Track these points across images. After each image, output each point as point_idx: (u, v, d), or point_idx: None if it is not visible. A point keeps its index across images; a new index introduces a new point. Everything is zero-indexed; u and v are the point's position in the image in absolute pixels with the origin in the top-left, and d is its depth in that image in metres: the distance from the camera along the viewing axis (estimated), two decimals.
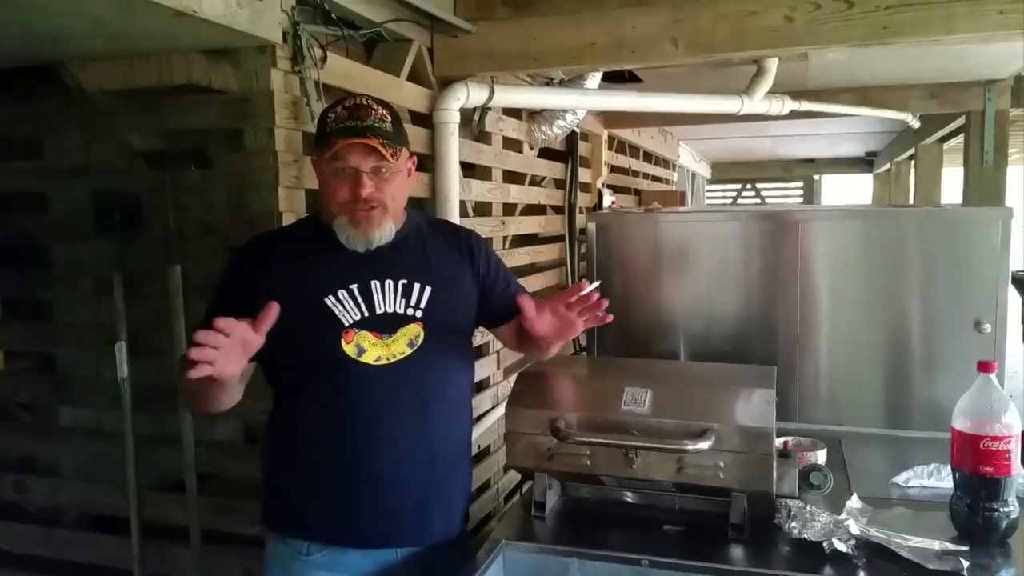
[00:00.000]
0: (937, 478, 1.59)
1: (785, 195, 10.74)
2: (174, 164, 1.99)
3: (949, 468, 1.39)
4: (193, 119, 1.88)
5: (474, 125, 2.69)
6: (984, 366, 1.34)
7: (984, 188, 4.19)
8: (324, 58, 1.87)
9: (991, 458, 1.30)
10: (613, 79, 3.30)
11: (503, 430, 1.58)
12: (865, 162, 9.18)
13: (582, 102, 3.11)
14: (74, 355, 2.18)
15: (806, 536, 1.31)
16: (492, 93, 2.52)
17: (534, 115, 3.24)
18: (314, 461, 1.43)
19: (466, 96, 2.42)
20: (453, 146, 2.41)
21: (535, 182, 3.48)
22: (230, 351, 1.16)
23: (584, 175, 4.11)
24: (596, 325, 1.37)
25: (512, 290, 1.57)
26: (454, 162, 2.42)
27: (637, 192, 5.43)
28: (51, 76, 1.95)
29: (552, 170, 3.64)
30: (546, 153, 3.52)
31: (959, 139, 4.77)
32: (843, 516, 1.34)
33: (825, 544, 1.28)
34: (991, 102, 4.01)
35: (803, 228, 2.05)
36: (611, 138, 4.68)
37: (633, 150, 5.30)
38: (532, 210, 3.38)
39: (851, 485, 1.58)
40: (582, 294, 1.33)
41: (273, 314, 1.21)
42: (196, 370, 1.12)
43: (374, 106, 1.40)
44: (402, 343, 1.41)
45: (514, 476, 2.77)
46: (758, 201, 10.86)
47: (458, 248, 1.54)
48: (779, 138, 7.00)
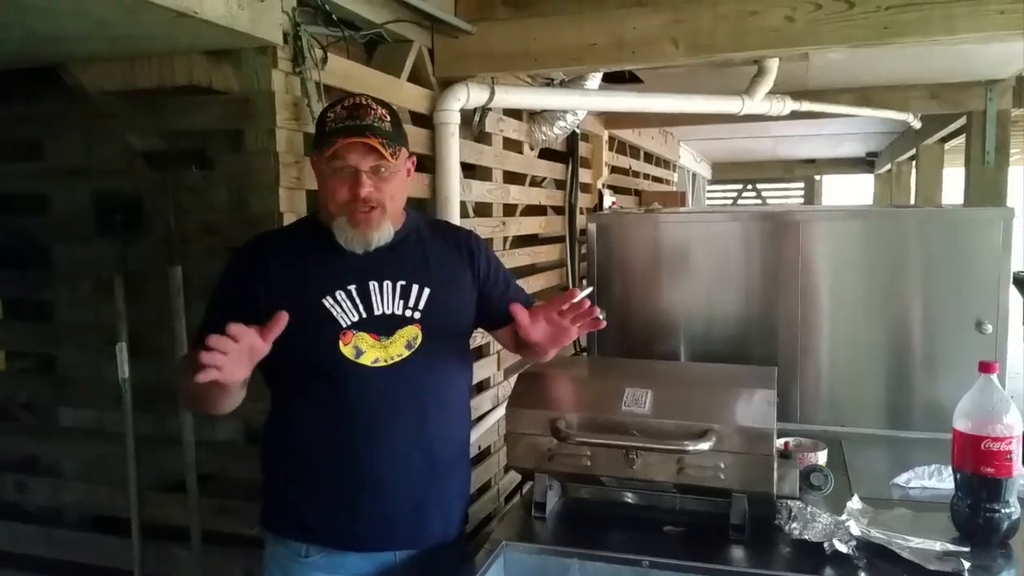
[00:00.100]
0: (938, 479, 1.59)
1: (786, 196, 10.73)
2: (175, 165, 2.00)
3: (950, 469, 1.39)
4: (194, 120, 1.88)
5: (474, 126, 2.69)
6: (985, 367, 1.34)
7: (985, 188, 4.19)
8: (325, 59, 1.87)
9: (992, 459, 1.30)
10: (613, 80, 3.30)
11: (503, 431, 1.57)
12: (866, 162, 9.17)
13: (582, 103, 3.11)
14: (75, 356, 2.18)
15: (807, 537, 1.31)
16: (492, 94, 2.52)
17: (534, 116, 3.24)
18: (312, 463, 1.43)
19: (466, 97, 2.42)
20: (453, 147, 2.41)
21: (535, 183, 3.48)
22: (238, 357, 1.17)
23: (584, 176, 4.11)
24: (590, 331, 1.37)
25: (512, 292, 1.57)
26: (454, 163, 2.42)
27: (638, 193, 5.43)
28: (52, 77, 1.95)
29: (552, 171, 3.64)
30: (546, 154, 3.52)
31: (960, 139, 4.76)
32: (844, 517, 1.34)
33: (826, 545, 1.28)
34: (992, 102, 4.01)
35: (804, 229, 2.05)
36: (611, 139, 4.68)
37: (633, 151, 5.30)
38: (532, 211, 3.38)
39: (852, 486, 1.58)
40: (574, 301, 1.33)
41: (281, 323, 1.21)
42: (204, 374, 1.12)
43: (373, 106, 1.40)
44: (400, 345, 1.41)
45: (515, 477, 2.77)
46: (759, 202, 10.85)
47: (457, 249, 1.53)
48: (780, 138, 7.00)
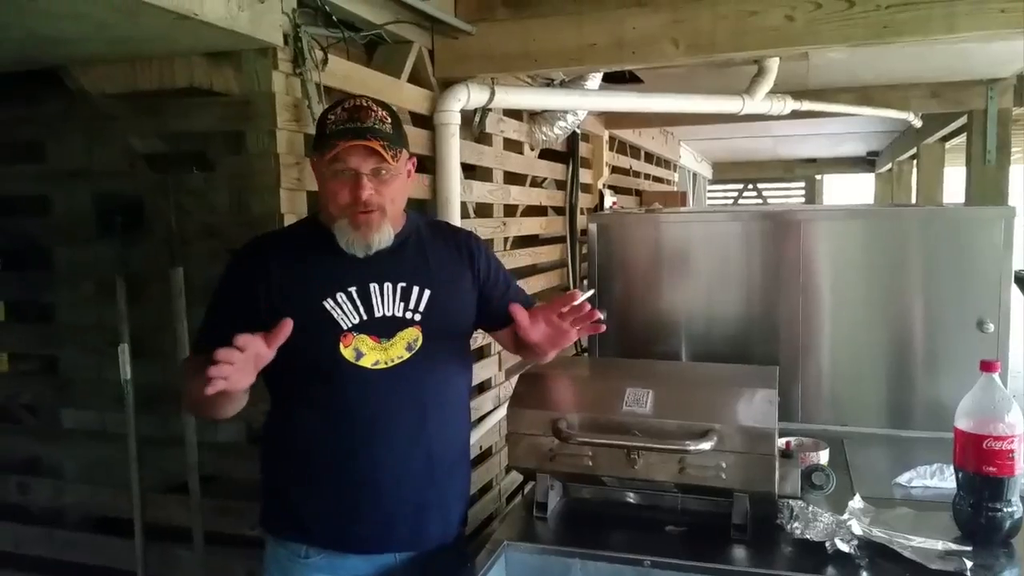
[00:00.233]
0: (940, 478, 1.59)
1: (787, 195, 10.72)
2: (176, 166, 2.00)
3: (952, 468, 1.39)
4: (195, 122, 1.88)
5: (475, 126, 2.69)
6: (987, 366, 1.33)
7: (986, 187, 4.18)
8: (325, 60, 1.87)
9: (994, 458, 1.29)
10: (614, 80, 3.30)
11: (505, 431, 1.57)
12: (867, 162, 9.16)
13: (583, 103, 3.11)
14: (77, 357, 2.18)
15: (808, 536, 1.31)
16: (493, 94, 2.52)
17: (535, 116, 3.24)
18: (312, 465, 1.43)
19: (467, 97, 2.42)
20: (454, 147, 2.41)
21: (536, 183, 3.48)
22: (244, 366, 1.17)
23: (585, 176, 4.11)
24: (590, 334, 1.36)
25: (512, 293, 1.57)
26: (455, 163, 2.42)
27: (638, 193, 5.43)
28: (53, 79, 1.96)
29: (553, 171, 3.64)
30: (547, 154, 3.52)
31: (961, 138, 4.76)
32: (846, 516, 1.34)
33: (827, 544, 1.28)
34: (993, 101, 4.01)
35: (805, 228, 2.05)
36: (612, 139, 4.68)
37: (634, 151, 5.30)
38: (533, 211, 3.38)
39: (853, 485, 1.58)
40: (574, 304, 1.33)
41: (286, 330, 1.21)
42: (212, 386, 1.12)
43: (374, 107, 1.40)
44: (400, 347, 1.41)
45: (516, 477, 2.77)
46: (760, 201, 10.85)
47: (458, 250, 1.53)
48: (780, 138, 7.00)
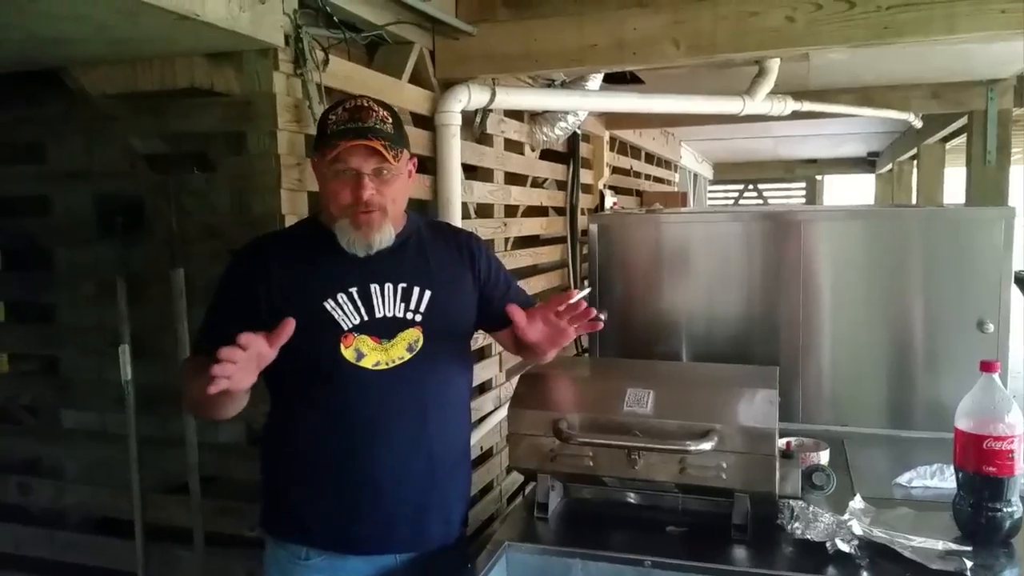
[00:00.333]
0: (940, 478, 1.59)
1: (787, 196, 10.72)
2: (177, 167, 2.00)
3: (952, 468, 1.39)
4: (196, 122, 1.88)
5: (476, 127, 2.69)
6: (987, 366, 1.34)
7: (987, 188, 4.18)
8: (326, 61, 1.87)
9: (994, 458, 1.30)
10: (614, 80, 3.30)
11: (506, 432, 1.57)
12: (867, 162, 9.16)
13: (583, 103, 3.11)
14: (78, 358, 2.18)
15: (809, 536, 1.31)
16: (493, 95, 2.52)
17: (535, 117, 3.25)
18: (313, 466, 1.43)
19: (467, 98, 2.42)
20: (455, 148, 2.41)
21: (537, 184, 3.49)
22: (246, 365, 1.17)
23: (586, 176, 4.11)
24: (588, 332, 1.36)
25: (512, 294, 1.57)
26: (456, 164, 2.42)
27: (639, 193, 5.43)
28: (54, 80, 1.96)
29: (554, 171, 3.65)
30: (548, 155, 3.52)
31: (961, 139, 4.76)
32: (846, 516, 1.34)
33: (828, 544, 1.28)
34: (993, 102, 4.00)
35: (805, 228, 2.05)
36: (612, 139, 4.68)
37: (635, 151, 5.30)
38: (534, 211, 3.38)
39: (854, 485, 1.58)
40: (571, 302, 1.33)
41: (288, 330, 1.21)
42: (215, 385, 1.12)
43: (375, 107, 1.40)
44: (401, 348, 1.41)
45: (517, 478, 2.77)
46: (760, 202, 10.85)
47: (458, 251, 1.53)
48: (781, 138, 7.00)
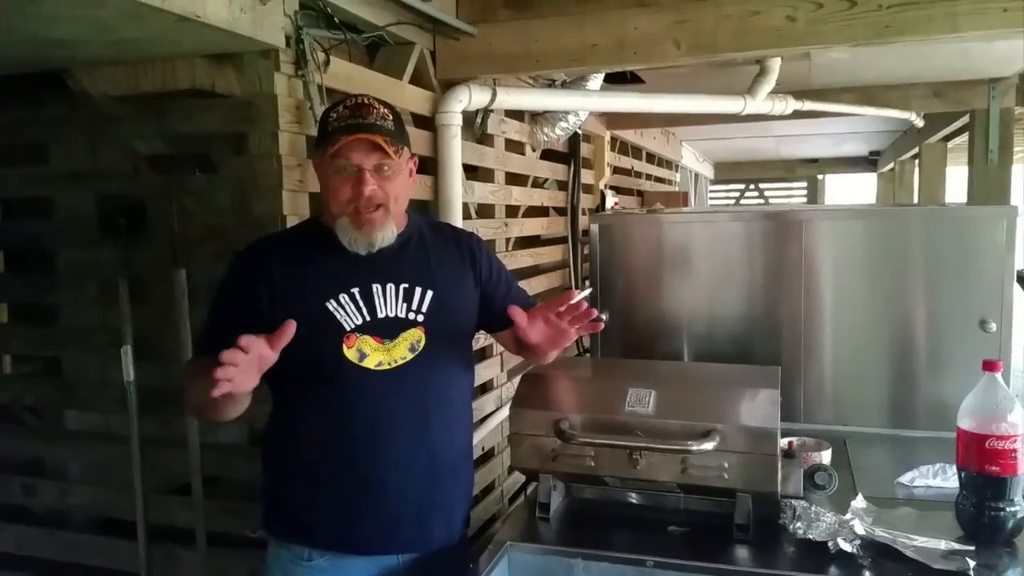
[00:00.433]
0: (942, 478, 1.59)
1: (788, 195, 10.71)
2: (179, 168, 2.00)
3: (954, 468, 1.39)
4: (197, 123, 1.88)
5: (476, 127, 2.69)
6: (989, 365, 1.33)
7: (989, 187, 4.18)
8: (327, 62, 1.87)
9: (997, 457, 1.29)
10: (615, 80, 3.30)
11: (507, 432, 1.57)
12: (869, 161, 9.15)
13: (584, 103, 3.11)
14: (80, 359, 2.18)
15: (811, 536, 1.31)
16: (494, 95, 2.52)
17: (536, 117, 3.25)
18: (315, 466, 1.42)
19: (468, 98, 2.42)
20: (455, 148, 2.41)
21: (538, 184, 3.49)
22: (248, 368, 1.17)
23: (587, 176, 4.11)
24: (589, 332, 1.36)
25: (513, 294, 1.57)
26: (457, 164, 2.42)
27: (640, 193, 5.43)
28: (56, 82, 1.96)
29: (555, 172, 3.65)
30: (548, 155, 3.52)
31: (963, 138, 4.75)
32: (848, 516, 1.34)
33: (830, 544, 1.28)
34: (995, 100, 4.00)
35: (807, 228, 2.05)
36: (613, 139, 4.68)
37: (636, 151, 5.30)
38: (535, 212, 3.38)
39: (856, 485, 1.58)
40: (572, 303, 1.33)
41: (289, 332, 1.21)
42: (218, 388, 1.13)
43: (376, 104, 1.40)
44: (403, 348, 1.41)
45: (518, 478, 2.77)
46: (761, 201, 10.84)
47: (459, 251, 1.53)
48: (782, 138, 6.99)
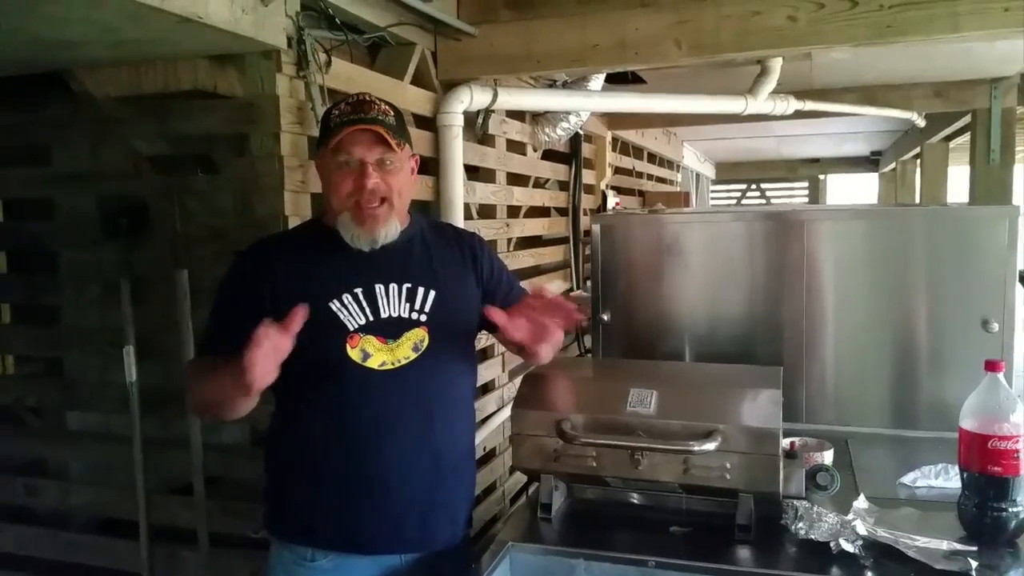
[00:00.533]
0: (945, 478, 1.59)
1: (790, 195, 10.71)
2: (180, 169, 2.01)
3: (957, 468, 1.38)
4: (199, 124, 1.89)
5: (478, 128, 2.70)
6: (991, 365, 1.33)
7: (991, 187, 4.18)
8: (328, 63, 1.88)
9: (999, 458, 1.29)
10: (616, 80, 3.30)
11: (509, 432, 1.57)
12: (870, 161, 9.15)
13: (585, 104, 3.12)
14: (82, 359, 2.19)
15: (813, 537, 1.31)
16: (495, 96, 2.52)
17: (537, 117, 3.25)
18: (318, 467, 1.42)
19: (469, 99, 2.42)
20: (457, 149, 2.42)
21: (539, 184, 3.49)
22: (266, 360, 1.17)
23: (588, 177, 4.12)
24: (572, 327, 1.35)
25: (515, 295, 1.57)
26: (458, 165, 2.42)
27: (641, 193, 5.43)
28: (58, 83, 1.97)
29: (556, 172, 3.65)
30: (550, 155, 3.53)
31: (965, 138, 4.75)
32: (850, 516, 1.34)
33: (832, 545, 1.28)
34: (997, 100, 4.00)
35: (808, 228, 2.04)
36: (615, 139, 4.69)
37: (637, 151, 5.30)
38: (536, 212, 3.38)
39: (858, 485, 1.58)
40: (548, 298, 1.32)
41: (300, 318, 1.21)
42: (249, 374, 1.15)
43: (377, 101, 1.42)
44: (407, 347, 1.41)
45: (520, 478, 2.77)
46: (763, 201, 10.84)
47: (461, 251, 1.54)
48: (783, 138, 6.99)
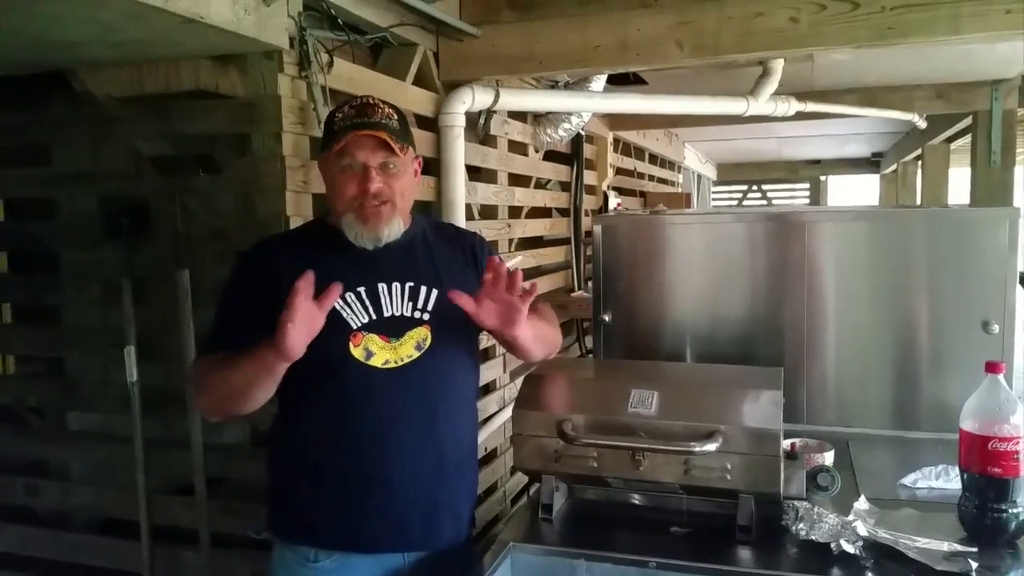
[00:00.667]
0: (945, 479, 1.59)
1: (791, 196, 10.71)
2: (182, 169, 2.01)
3: (957, 469, 1.38)
4: (201, 124, 1.89)
5: (479, 128, 2.70)
6: (992, 367, 1.33)
7: (992, 188, 4.18)
8: (330, 63, 1.88)
9: (999, 459, 1.29)
10: (618, 81, 3.31)
11: (510, 433, 1.58)
12: (871, 163, 9.14)
13: (587, 105, 3.12)
14: (83, 360, 2.19)
15: (814, 537, 1.31)
16: (497, 96, 2.52)
17: (539, 118, 3.25)
18: (321, 466, 1.43)
19: (471, 100, 2.43)
20: (459, 149, 2.42)
21: (540, 185, 3.49)
22: (301, 326, 1.19)
23: (589, 177, 4.12)
24: (525, 301, 1.34)
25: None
26: (460, 165, 2.43)
27: (642, 194, 5.44)
28: (60, 82, 1.97)
29: (557, 173, 3.65)
30: (551, 156, 3.53)
31: (966, 139, 4.75)
32: (851, 517, 1.34)
33: (833, 545, 1.28)
34: (998, 102, 4.00)
35: (809, 229, 2.04)
36: (616, 140, 4.69)
37: (638, 152, 5.30)
38: (537, 213, 3.39)
39: (859, 486, 1.58)
40: (499, 272, 1.32)
41: (335, 294, 1.23)
42: (290, 323, 1.17)
43: (380, 104, 1.42)
44: (410, 346, 1.41)
45: (521, 478, 2.77)
46: (764, 203, 10.84)
47: (462, 251, 1.54)
48: (785, 139, 6.99)
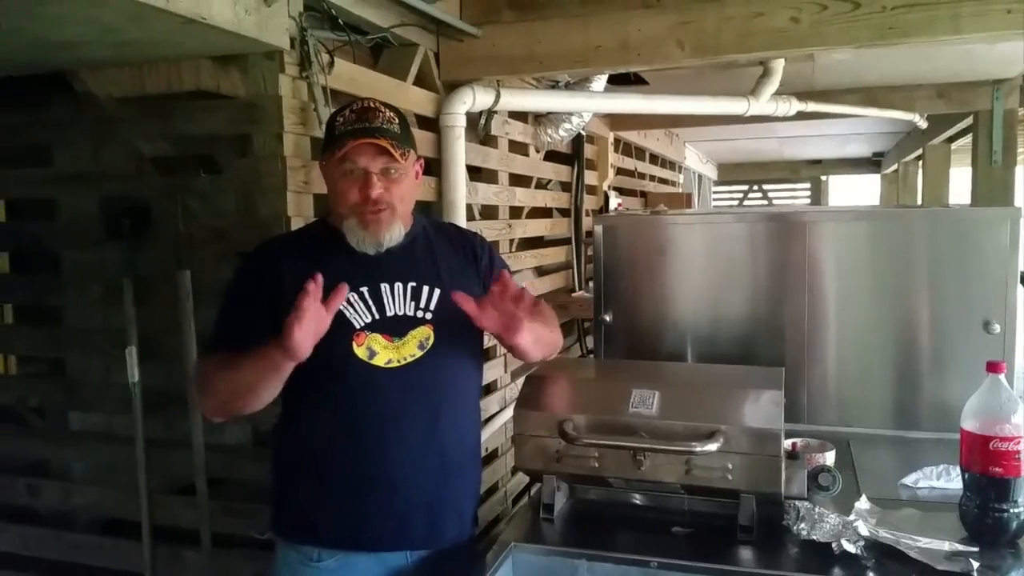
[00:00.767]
0: (946, 479, 1.59)
1: (792, 196, 10.71)
2: (183, 170, 2.01)
3: (958, 469, 1.38)
4: (202, 125, 1.89)
5: (480, 128, 2.70)
6: (993, 366, 1.33)
7: (993, 188, 4.18)
8: (331, 63, 1.88)
9: (1001, 459, 1.29)
10: (619, 81, 3.31)
11: (511, 432, 1.58)
12: (872, 163, 9.15)
13: (588, 105, 3.12)
14: (85, 360, 2.19)
15: (815, 537, 1.31)
16: (498, 97, 2.53)
17: (540, 118, 3.25)
18: (325, 465, 1.43)
19: (472, 100, 2.43)
20: (459, 150, 2.42)
21: (541, 185, 3.49)
22: (308, 325, 1.20)
23: (590, 177, 4.12)
24: (527, 313, 1.33)
25: None
26: (460, 166, 2.43)
27: (643, 194, 5.44)
28: (61, 83, 1.97)
29: (558, 173, 3.65)
30: (552, 156, 3.53)
31: (967, 139, 4.76)
32: (852, 517, 1.34)
33: (834, 545, 1.28)
34: (999, 101, 4.00)
35: (810, 229, 2.04)
36: (617, 140, 4.69)
37: (639, 152, 5.31)
38: (538, 213, 3.39)
39: (860, 486, 1.58)
40: (507, 284, 1.32)
41: (342, 295, 1.25)
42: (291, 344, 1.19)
43: (382, 108, 1.42)
44: (412, 345, 1.42)
45: (522, 479, 2.77)
46: (765, 203, 10.84)
47: (463, 251, 1.55)
48: (786, 139, 6.99)
